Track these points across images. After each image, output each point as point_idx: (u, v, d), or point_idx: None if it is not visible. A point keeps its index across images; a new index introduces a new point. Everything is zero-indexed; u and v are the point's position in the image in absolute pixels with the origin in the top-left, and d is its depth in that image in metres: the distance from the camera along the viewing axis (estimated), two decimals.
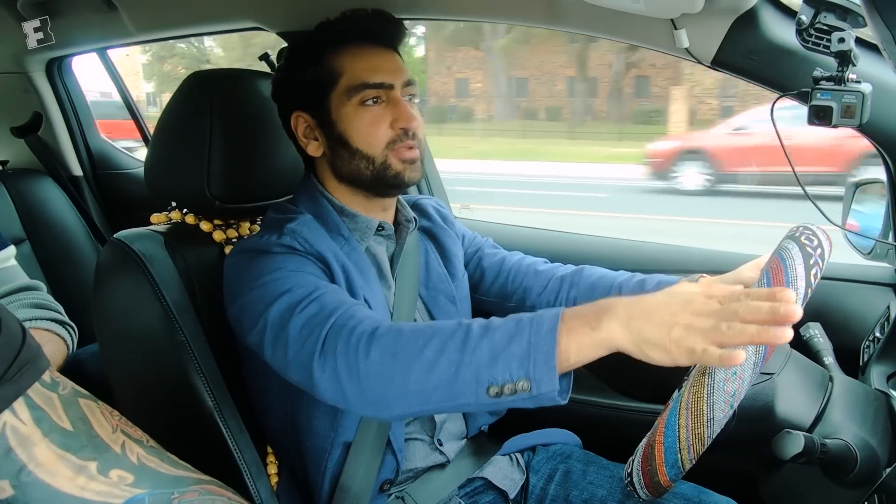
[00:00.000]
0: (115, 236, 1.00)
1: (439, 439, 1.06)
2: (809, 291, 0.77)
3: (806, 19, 0.92)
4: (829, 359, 0.99)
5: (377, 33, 0.99)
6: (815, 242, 0.81)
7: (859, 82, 0.91)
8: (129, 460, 0.56)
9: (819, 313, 1.10)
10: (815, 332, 1.03)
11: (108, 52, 2.10)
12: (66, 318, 1.15)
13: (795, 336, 0.94)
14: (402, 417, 0.97)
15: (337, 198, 1.02)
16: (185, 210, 1.11)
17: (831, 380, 0.92)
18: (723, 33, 1.05)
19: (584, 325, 0.69)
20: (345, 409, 0.91)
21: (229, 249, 1.02)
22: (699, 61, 1.11)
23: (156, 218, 1.12)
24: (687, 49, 1.08)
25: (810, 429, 0.85)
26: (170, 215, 1.12)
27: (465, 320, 0.76)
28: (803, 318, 0.82)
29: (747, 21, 1.03)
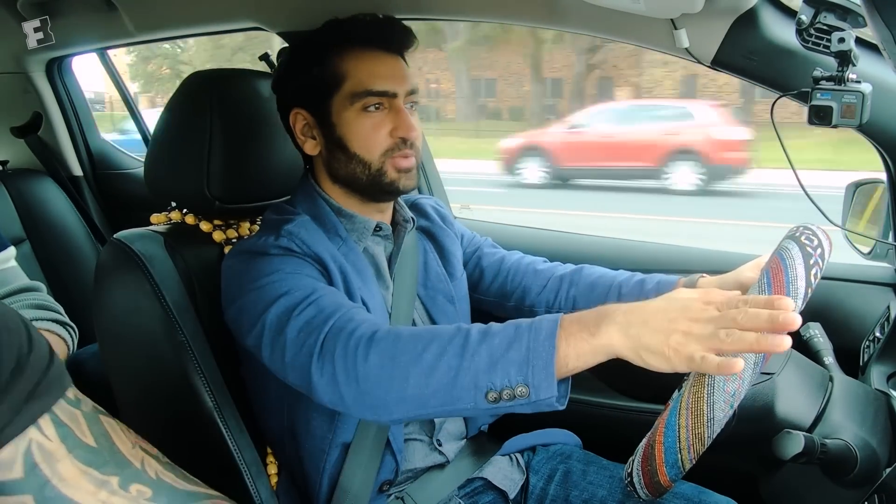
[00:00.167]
0: (115, 236, 1.00)
1: (438, 439, 1.06)
2: (809, 291, 0.77)
3: (806, 19, 0.92)
4: (829, 359, 0.99)
5: (385, 39, 0.98)
6: (816, 242, 0.81)
7: (859, 82, 0.91)
8: (148, 475, 0.58)
9: (819, 313, 1.10)
10: (815, 332, 1.03)
11: (107, 53, 2.10)
12: (67, 319, 1.15)
13: (795, 336, 0.94)
14: (400, 421, 0.97)
15: (334, 198, 1.02)
16: (185, 210, 1.11)
17: (831, 380, 0.92)
18: (723, 33, 1.05)
19: (583, 331, 0.69)
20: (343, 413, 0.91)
21: (229, 249, 1.02)
22: (699, 61, 1.11)
23: (156, 218, 1.12)
24: (687, 49, 1.08)
25: (810, 429, 0.85)
26: (170, 215, 1.12)
27: (463, 325, 0.76)
28: (803, 318, 0.83)
29: (747, 21, 1.03)
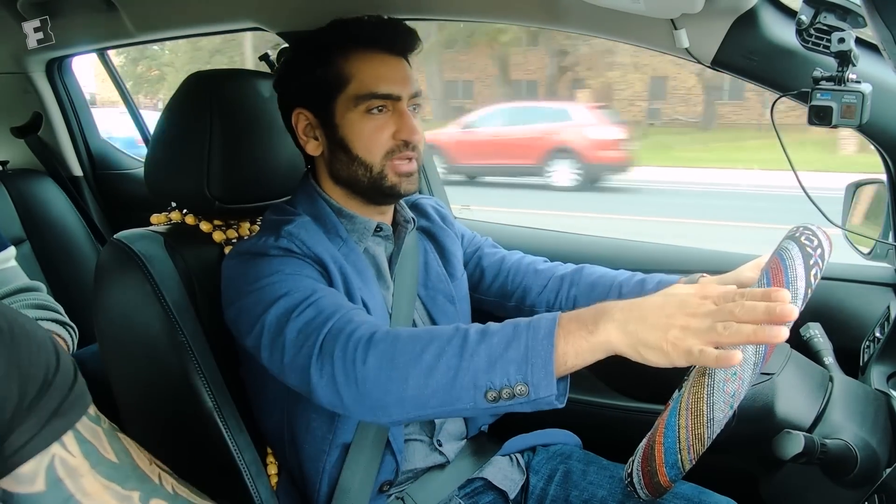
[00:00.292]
0: (115, 237, 1.00)
1: (439, 440, 1.05)
2: (809, 291, 0.77)
3: (806, 19, 0.92)
4: (829, 359, 0.98)
5: (390, 41, 0.98)
6: (815, 242, 0.81)
7: (859, 82, 0.91)
8: (165, 490, 0.60)
9: (819, 313, 1.10)
10: (815, 332, 1.03)
11: (107, 53, 2.10)
12: (67, 319, 1.15)
13: (795, 336, 0.94)
14: (399, 423, 0.97)
15: (334, 199, 1.02)
16: (185, 210, 1.11)
17: (831, 380, 0.92)
18: (723, 33, 1.05)
19: (582, 328, 0.69)
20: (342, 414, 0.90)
21: (229, 250, 1.02)
22: (699, 61, 1.10)
23: (156, 218, 1.12)
24: (687, 49, 1.08)
25: (810, 429, 0.85)
26: (170, 216, 1.12)
27: (462, 325, 0.76)
28: (803, 318, 0.83)
29: (747, 21, 1.03)
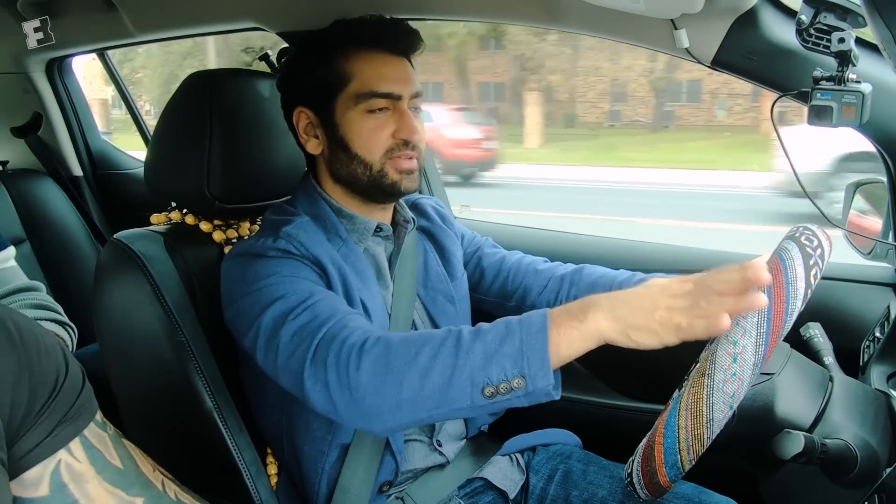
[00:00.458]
0: (114, 237, 1.00)
1: (438, 440, 1.05)
2: (809, 292, 0.77)
3: (806, 19, 0.92)
4: (829, 359, 0.98)
5: (391, 40, 0.98)
6: (815, 243, 0.80)
7: (859, 82, 0.91)
8: (169, 497, 0.60)
9: (819, 313, 1.10)
10: (815, 332, 1.02)
11: (107, 54, 2.10)
12: (66, 319, 1.15)
13: (795, 336, 0.94)
14: (391, 431, 0.95)
15: (335, 198, 1.02)
16: (185, 210, 1.11)
17: (831, 380, 0.92)
18: (723, 33, 1.05)
19: (572, 319, 0.72)
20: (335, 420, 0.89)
21: (229, 250, 1.02)
22: (699, 61, 1.10)
23: (156, 218, 1.12)
24: (687, 49, 1.08)
25: (810, 429, 0.85)
26: (170, 215, 1.12)
27: (454, 327, 0.77)
28: (803, 318, 0.83)
29: (747, 21, 1.03)
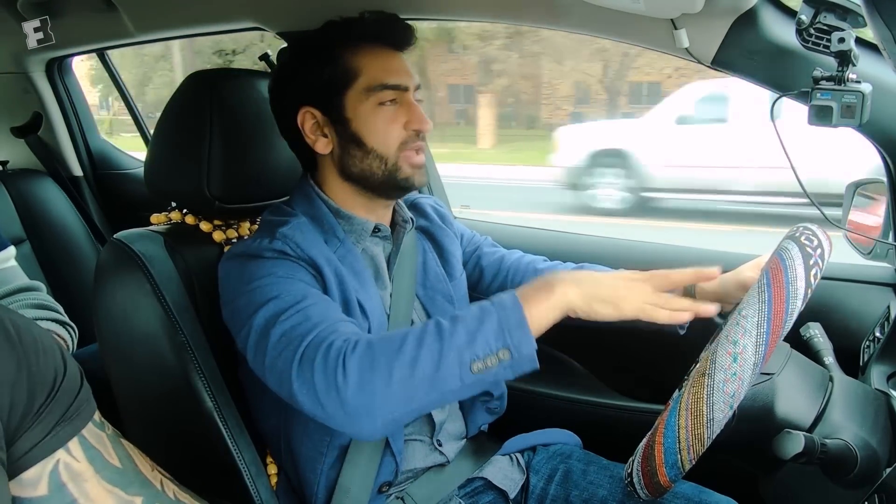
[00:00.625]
0: (114, 236, 1.00)
1: (438, 440, 1.05)
2: (809, 292, 0.77)
3: (806, 19, 0.92)
4: (829, 359, 0.98)
5: (392, 36, 1.00)
6: (815, 243, 0.80)
7: (859, 82, 0.91)
8: (167, 496, 0.60)
9: (819, 313, 1.10)
10: (815, 332, 1.02)
11: (107, 54, 2.10)
12: (66, 319, 1.15)
13: (795, 336, 0.94)
14: (383, 429, 0.85)
15: (335, 199, 1.02)
16: (185, 210, 1.11)
17: (831, 380, 0.92)
18: (723, 33, 1.05)
19: (539, 293, 0.79)
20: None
21: (227, 250, 1.02)
22: (699, 61, 1.10)
23: (156, 218, 1.12)
24: (687, 49, 1.08)
25: (810, 429, 0.85)
26: (170, 215, 1.12)
27: (430, 320, 0.80)
28: (803, 318, 0.83)
29: (747, 21, 1.03)
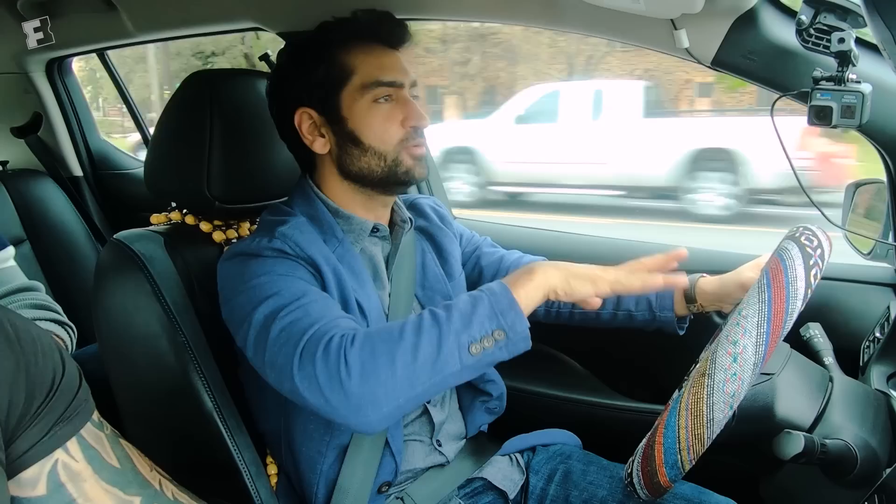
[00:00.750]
0: (114, 237, 1.01)
1: (438, 440, 1.05)
2: (809, 292, 0.77)
3: (806, 19, 0.92)
4: (829, 359, 0.98)
5: (386, 34, 1.00)
6: (815, 243, 0.81)
7: (859, 82, 0.91)
8: (166, 496, 0.60)
9: (819, 313, 1.10)
10: (815, 332, 1.03)
11: (107, 54, 2.10)
12: (66, 319, 1.15)
13: (795, 336, 0.94)
14: (386, 418, 0.85)
15: (334, 198, 1.01)
16: (185, 210, 1.11)
17: (831, 380, 0.92)
18: (723, 33, 1.05)
19: (522, 278, 0.83)
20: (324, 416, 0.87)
21: (226, 250, 1.02)
22: (699, 61, 1.10)
23: (156, 218, 1.12)
24: (687, 49, 1.08)
25: (810, 429, 0.85)
26: (170, 216, 1.12)
27: (424, 310, 0.82)
28: (803, 318, 0.83)
29: (747, 21, 1.03)
